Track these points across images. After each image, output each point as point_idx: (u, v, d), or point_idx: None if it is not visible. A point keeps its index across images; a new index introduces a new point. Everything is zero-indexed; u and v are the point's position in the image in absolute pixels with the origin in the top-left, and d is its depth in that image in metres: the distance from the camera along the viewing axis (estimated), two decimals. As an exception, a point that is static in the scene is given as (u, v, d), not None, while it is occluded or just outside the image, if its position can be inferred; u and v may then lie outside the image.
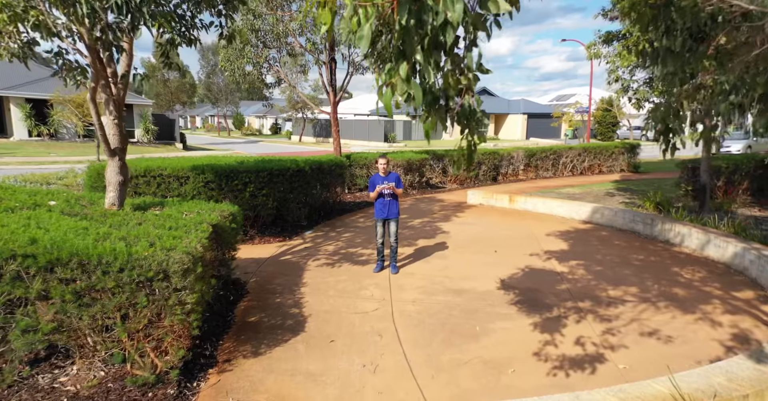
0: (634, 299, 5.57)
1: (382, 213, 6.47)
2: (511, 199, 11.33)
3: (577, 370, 4.03)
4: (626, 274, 6.44)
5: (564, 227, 9.32)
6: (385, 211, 6.45)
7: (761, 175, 11.63)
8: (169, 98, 49.71)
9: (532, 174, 16.72)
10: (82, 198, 5.21)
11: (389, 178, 6.48)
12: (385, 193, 6.38)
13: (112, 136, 4.71)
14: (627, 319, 5.02)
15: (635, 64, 8.32)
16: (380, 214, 6.49)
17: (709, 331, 4.75)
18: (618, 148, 18.10)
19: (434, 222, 9.68)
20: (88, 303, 3.39)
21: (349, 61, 13.05)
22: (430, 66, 1.78)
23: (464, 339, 4.58)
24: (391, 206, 6.44)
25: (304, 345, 4.43)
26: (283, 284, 6.02)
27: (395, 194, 6.43)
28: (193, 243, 3.79)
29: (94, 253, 3.34)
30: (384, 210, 6.45)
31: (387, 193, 6.39)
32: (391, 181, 6.42)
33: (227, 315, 5.03)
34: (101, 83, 4.36)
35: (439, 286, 6.00)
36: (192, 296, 3.53)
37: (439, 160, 14.50)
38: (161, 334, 3.55)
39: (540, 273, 6.50)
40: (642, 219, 8.59)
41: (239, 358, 4.17)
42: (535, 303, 5.44)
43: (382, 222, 6.53)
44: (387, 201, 6.43)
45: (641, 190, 12.92)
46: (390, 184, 6.36)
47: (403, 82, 1.76)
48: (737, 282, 6.15)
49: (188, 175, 7.64)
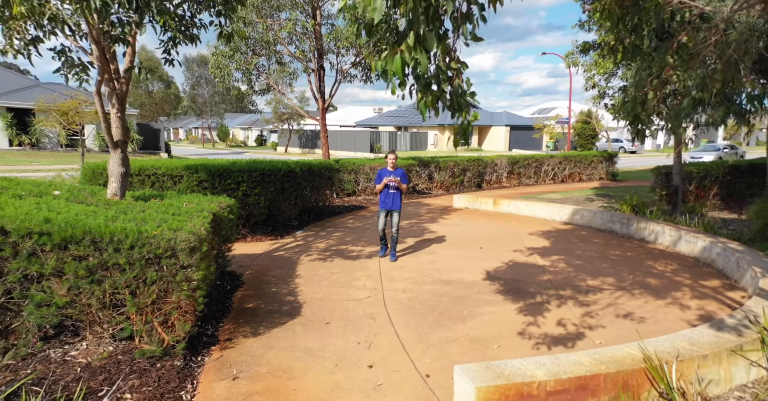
0: (611, 287, 5.91)
1: (385, 204, 6.95)
2: (496, 203, 11.72)
3: (558, 345, 4.32)
4: (604, 267, 6.80)
5: (546, 227, 9.70)
6: (389, 203, 6.92)
7: (729, 181, 12.28)
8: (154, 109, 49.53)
9: (515, 181, 17.21)
10: (83, 189, 5.38)
11: (396, 172, 6.93)
12: (390, 185, 6.84)
13: (115, 128, 4.92)
14: (604, 304, 5.35)
15: (610, 72, 8.85)
16: (384, 206, 6.97)
17: (678, 313, 5.10)
18: (597, 157, 18.77)
19: (422, 223, 9.99)
20: (100, 280, 3.57)
21: (337, 69, 13.43)
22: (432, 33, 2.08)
23: (453, 321, 4.84)
24: (394, 198, 6.91)
25: (301, 326, 4.64)
26: (278, 276, 6.22)
27: (399, 188, 6.89)
28: (197, 225, 4.01)
29: (106, 231, 3.54)
30: (388, 202, 6.92)
31: (392, 186, 6.85)
32: (397, 175, 6.88)
33: (225, 302, 5.22)
34: (105, 77, 4.58)
35: (428, 278, 6.27)
36: (198, 273, 3.74)
37: (425, 167, 14.88)
38: (168, 309, 3.74)
39: (523, 267, 6.82)
40: (619, 219, 9.03)
41: (239, 337, 4.36)
42: (519, 292, 5.74)
43: (385, 212, 7.01)
44: (391, 193, 6.89)
45: (619, 195, 13.45)
46: (396, 178, 6.82)
47: (410, 49, 2.06)
48: (705, 273, 6.56)
49: (182, 174, 7.82)
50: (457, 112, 3.12)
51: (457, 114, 3.14)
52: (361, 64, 13.29)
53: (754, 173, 12.96)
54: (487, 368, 3.12)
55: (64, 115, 21.54)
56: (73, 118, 20.52)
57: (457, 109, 3.18)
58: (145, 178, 7.76)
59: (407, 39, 2.10)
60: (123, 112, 4.89)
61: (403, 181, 6.91)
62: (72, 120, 20.62)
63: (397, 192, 6.91)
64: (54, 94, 23.54)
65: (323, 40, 12.53)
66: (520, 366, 3.16)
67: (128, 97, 5.31)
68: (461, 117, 3.10)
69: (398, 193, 6.92)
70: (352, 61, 13.21)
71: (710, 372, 3.49)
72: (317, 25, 11.97)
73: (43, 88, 28.85)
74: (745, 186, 12.70)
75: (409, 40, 2.09)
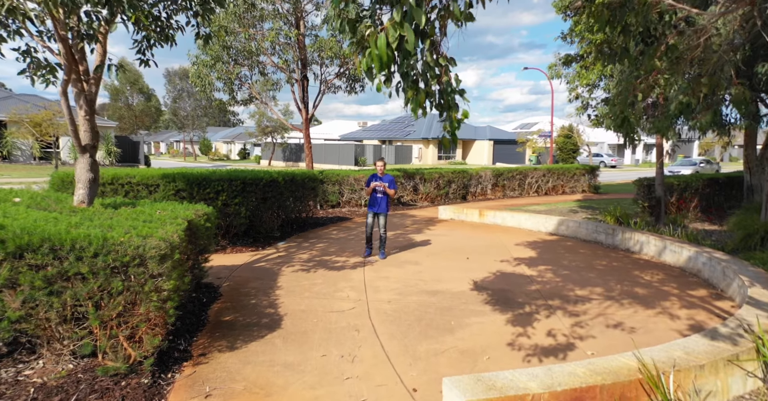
0: (599, 297, 5.80)
1: (373, 207, 7.46)
2: (481, 214, 11.63)
3: (549, 356, 4.15)
4: (591, 277, 6.70)
5: (532, 238, 9.62)
6: (375, 206, 7.43)
7: (709, 194, 12.46)
8: (133, 121, 48.75)
9: (499, 193, 17.22)
10: (47, 197, 5.08)
11: (384, 178, 7.39)
12: (378, 190, 7.31)
13: (83, 132, 4.66)
14: (594, 314, 5.22)
15: (593, 84, 8.93)
16: (371, 208, 7.49)
17: (668, 323, 4.99)
18: (579, 170, 18.94)
19: (407, 234, 9.81)
20: (59, 291, 3.29)
21: (321, 80, 13.33)
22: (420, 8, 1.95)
23: (440, 332, 4.65)
24: (381, 202, 7.38)
25: (281, 339, 4.39)
26: (258, 288, 5.95)
27: (387, 193, 7.29)
28: (170, 231, 3.77)
29: (67, 238, 3.28)
30: (375, 205, 7.43)
31: (380, 190, 7.32)
32: (385, 181, 7.34)
33: (200, 315, 4.93)
34: (73, 78, 4.35)
35: (413, 288, 6.08)
36: (169, 283, 3.49)
37: (410, 178, 14.78)
38: (136, 322, 3.47)
39: (511, 277, 6.68)
40: (604, 230, 8.99)
41: (214, 352, 4.09)
42: (507, 302, 5.58)
43: (373, 214, 7.50)
44: (379, 198, 7.37)
45: (602, 207, 13.52)
46: (383, 184, 7.27)
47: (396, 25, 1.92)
48: (692, 283, 6.50)
49: (158, 183, 7.54)
50: (446, 110, 2.98)
51: (445, 113, 3.00)
52: (345, 75, 13.23)
53: (731, 186, 13.18)
54: (477, 380, 2.93)
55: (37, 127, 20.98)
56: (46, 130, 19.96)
57: (446, 107, 3.05)
58: (118, 186, 7.45)
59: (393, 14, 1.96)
60: (92, 115, 4.64)
61: (391, 186, 7.29)
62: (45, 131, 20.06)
63: (385, 196, 7.34)
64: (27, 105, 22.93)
65: (307, 50, 12.45)
66: (513, 378, 2.98)
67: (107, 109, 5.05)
68: (450, 115, 2.97)
69: (385, 198, 7.35)
70: (337, 72, 13.14)
71: (707, 383, 3.35)
72: (301, 35, 11.90)
73: (17, 99, 28.14)
74: (723, 198, 12.90)
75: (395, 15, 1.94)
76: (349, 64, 12.87)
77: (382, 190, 7.29)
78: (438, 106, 3.05)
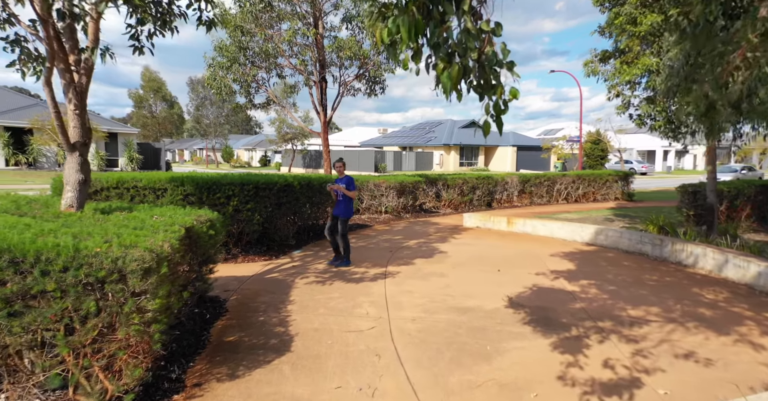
0: (658, 319, 5.01)
1: (334, 210, 7.15)
2: (510, 222, 10.87)
3: (611, 396, 3.41)
4: (643, 294, 5.89)
5: (567, 248, 8.82)
6: (335, 209, 7.08)
7: (762, 201, 11.39)
8: (156, 129, 49.33)
9: (526, 200, 16.38)
10: (35, 201, 4.60)
11: (342, 180, 7.01)
12: (337, 192, 6.96)
13: (72, 128, 4.17)
14: (656, 340, 4.44)
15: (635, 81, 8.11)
16: (333, 211, 7.16)
17: (752, 354, 4.18)
18: (612, 177, 17.94)
19: (431, 243, 9.13)
20: (21, 312, 2.74)
21: (340, 82, 12.83)
22: None
23: (474, 360, 3.95)
24: (339, 205, 7.00)
25: (290, 366, 3.76)
26: (268, 302, 5.36)
27: (347, 195, 6.91)
28: (158, 241, 3.20)
29: (30, 249, 2.73)
30: (335, 208, 7.09)
31: (339, 193, 6.96)
32: (342, 183, 6.96)
33: (201, 335, 4.35)
34: (61, 67, 3.85)
35: (440, 304, 5.39)
36: (154, 302, 2.91)
37: (432, 185, 14.11)
38: (113, 350, 2.89)
39: (549, 292, 5.93)
40: (650, 241, 8.14)
41: (212, 382, 3.49)
42: (549, 323, 4.85)
43: (333, 218, 7.10)
44: (338, 200, 7.01)
45: (639, 215, 12.58)
46: (340, 186, 6.88)
47: None
48: (766, 303, 5.64)
49: (166, 187, 7.06)
50: (488, 91, 2.34)
51: (487, 94, 2.36)
52: (365, 77, 12.70)
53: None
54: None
55: (61, 133, 21.05)
56: (70, 135, 20.01)
57: (487, 87, 2.41)
58: (123, 191, 6.99)
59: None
60: (83, 109, 4.15)
61: (349, 188, 6.92)
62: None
63: (344, 199, 6.97)
64: (53, 112, 23.12)
65: (325, 51, 11.97)
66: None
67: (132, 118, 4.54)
68: (494, 97, 2.32)
69: (344, 201, 6.97)
70: (356, 74, 12.62)
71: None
72: (319, 35, 11.43)
73: (42, 106, 28.51)
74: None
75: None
76: (369, 64, 12.35)
77: (341, 192, 6.92)
78: (478, 87, 2.41)
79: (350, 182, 6.98)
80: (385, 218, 12.29)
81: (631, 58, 8.08)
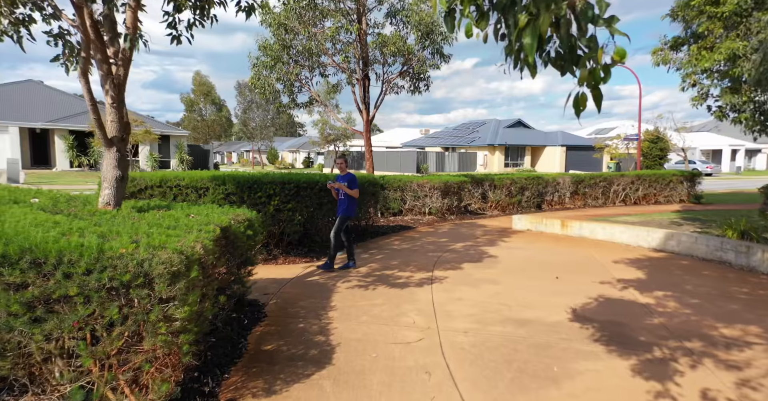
0: (761, 341, 4.28)
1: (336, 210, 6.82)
2: (564, 224, 10.13)
3: (714, 435, 2.83)
4: (735, 309, 5.14)
5: (633, 255, 8.04)
6: (337, 208, 6.76)
7: None
8: (206, 131, 51.00)
9: (579, 202, 15.43)
10: (75, 198, 4.49)
11: (343, 178, 6.72)
12: (339, 191, 6.67)
13: (109, 122, 4.00)
14: (764, 368, 3.76)
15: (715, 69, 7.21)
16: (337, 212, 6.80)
17: None
18: (676, 177, 16.61)
19: (478, 247, 8.59)
20: (43, 318, 2.51)
21: (383, 80, 12.49)
22: None
23: (540, 383, 3.45)
24: (341, 204, 6.68)
25: (331, 381, 3.40)
26: (308, 307, 5.05)
27: (349, 194, 6.58)
28: (190, 241, 2.91)
29: (52, 249, 2.49)
30: (337, 207, 6.76)
31: (340, 191, 6.65)
32: (343, 181, 6.67)
33: (239, 342, 4.08)
34: (98, 57, 3.67)
35: (495, 314, 4.89)
36: (183, 310, 2.62)
37: (478, 185, 13.51)
38: (140, 362, 2.62)
39: (620, 304, 5.29)
40: (733, 247, 7.24)
41: (247, 397, 3.18)
42: (625, 341, 4.25)
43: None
44: (340, 200, 6.70)
45: (712, 219, 11.43)
46: (341, 184, 6.61)
47: None
48: None
49: (208, 186, 6.93)
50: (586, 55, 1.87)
51: (581, 61, 1.89)
52: (409, 73, 12.30)
53: None
54: None
55: (116, 135, 21.90)
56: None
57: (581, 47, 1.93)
58: (167, 189, 6.92)
59: None
60: (120, 102, 3.97)
61: (351, 186, 6.61)
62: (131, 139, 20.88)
63: (345, 198, 6.64)
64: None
65: (369, 47, 11.67)
66: None
67: (184, 121, 4.36)
68: (590, 64, 1.85)
69: (346, 199, 6.64)
70: (400, 70, 12.26)
71: None
72: (362, 31, 11.15)
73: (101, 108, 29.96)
74: None
75: None
76: (413, 61, 11.94)
77: (342, 191, 6.61)
78: (567, 54, 1.94)
79: (352, 180, 6.64)
80: (429, 219, 11.82)
81: (710, 43, 7.23)
